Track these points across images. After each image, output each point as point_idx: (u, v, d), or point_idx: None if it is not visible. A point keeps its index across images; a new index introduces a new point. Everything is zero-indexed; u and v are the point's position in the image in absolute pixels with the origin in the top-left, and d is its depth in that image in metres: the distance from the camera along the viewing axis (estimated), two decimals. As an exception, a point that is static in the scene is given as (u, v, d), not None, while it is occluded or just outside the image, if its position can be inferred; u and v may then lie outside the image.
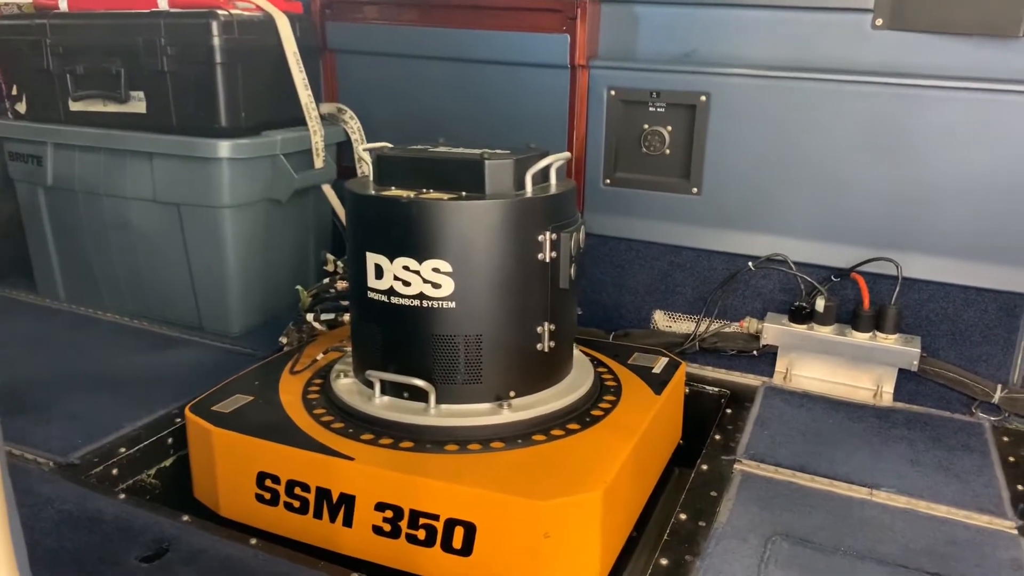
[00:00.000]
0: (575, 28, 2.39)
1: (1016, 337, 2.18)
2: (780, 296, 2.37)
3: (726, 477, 1.84)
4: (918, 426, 2.10)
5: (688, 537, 1.62)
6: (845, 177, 2.24)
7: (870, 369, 2.24)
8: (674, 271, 2.52)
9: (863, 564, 1.54)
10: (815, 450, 1.95)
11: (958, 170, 2.13)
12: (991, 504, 1.76)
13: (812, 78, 2.21)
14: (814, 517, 1.69)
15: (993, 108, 2.07)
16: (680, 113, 2.39)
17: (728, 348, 2.41)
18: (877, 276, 2.24)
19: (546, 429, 1.69)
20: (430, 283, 1.63)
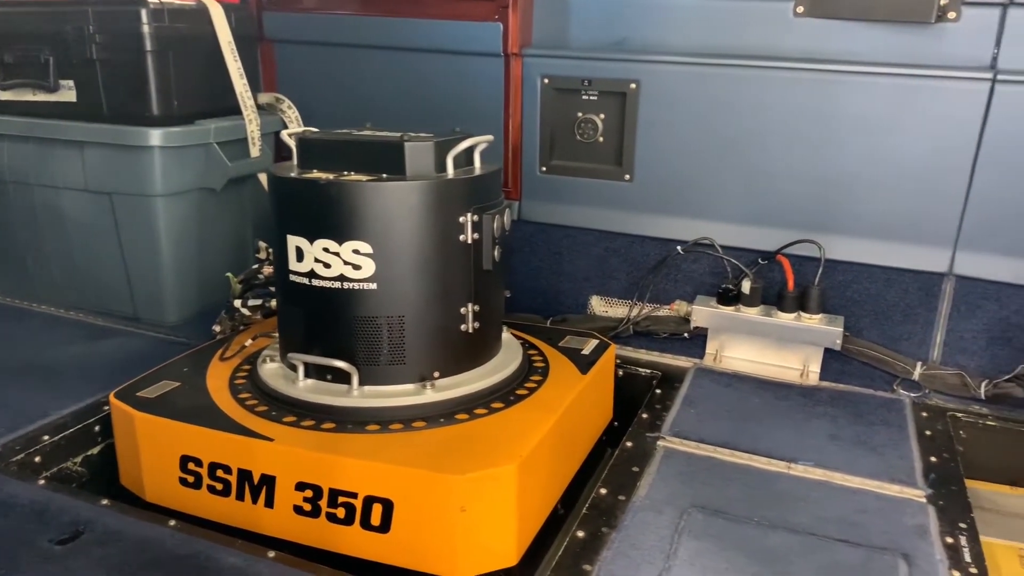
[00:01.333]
0: (507, 17, 2.41)
1: (935, 316, 2.24)
2: (710, 279, 2.42)
3: (650, 453, 1.88)
4: (841, 403, 2.16)
5: (607, 511, 1.65)
6: (770, 162, 2.29)
7: (796, 349, 2.30)
8: (609, 257, 2.56)
9: (774, 533, 1.58)
10: (739, 427, 2.00)
11: (878, 154, 2.20)
12: (904, 475, 1.81)
13: (737, 65, 2.26)
14: (731, 490, 1.73)
15: (911, 93, 2.13)
16: (612, 101, 2.43)
17: (661, 331, 2.45)
18: (802, 258, 2.29)
19: (469, 408, 1.71)
20: (350, 265, 1.65)
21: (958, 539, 1.59)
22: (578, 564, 1.48)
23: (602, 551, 1.51)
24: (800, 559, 1.50)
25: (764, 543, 1.54)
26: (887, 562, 1.50)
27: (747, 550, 1.52)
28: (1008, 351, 2.15)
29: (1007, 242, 2.12)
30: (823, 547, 1.54)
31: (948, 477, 1.82)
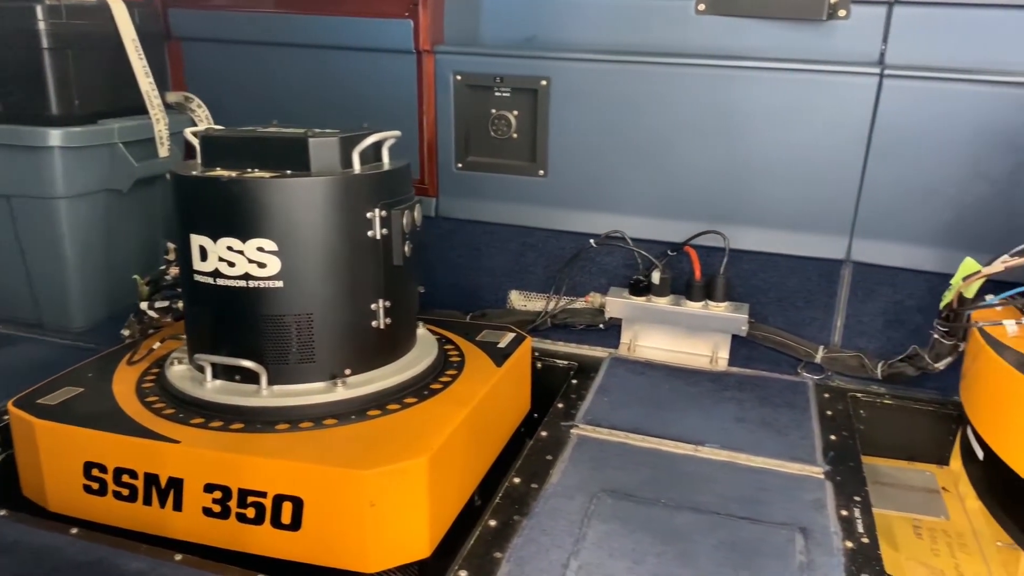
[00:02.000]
0: (418, 13, 2.42)
1: (835, 301, 2.35)
2: (623, 271, 2.48)
3: (564, 442, 1.92)
4: (748, 387, 2.24)
5: (519, 499, 1.68)
6: (677, 156, 2.36)
7: (706, 336, 2.37)
8: (527, 252, 2.59)
9: (679, 513, 1.63)
10: (650, 413, 2.06)
11: (778, 147, 2.28)
12: (804, 453, 1.89)
13: (643, 62, 2.31)
14: (640, 474, 1.78)
15: (806, 87, 2.22)
16: (524, 97, 2.46)
17: (577, 323, 2.50)
18: (709, 249, 2.37)
19: (382, 404, 1.72)
20: (255, 263, 1.63)
21: (852, 512, 1.67)
22: (489, 552, 1.50)
23: (513, 538, 1.54)
24: (703, 537, 1.55)
25: (670, 523, 1.60)
26: (785, 536, 1.57)
27: (653, 530, 1.57)
28: (902, 333, 2.26)
29: (899, 229, 2.23)
30: (725, 524, 1.60)
31: (846, 454, 1.90)
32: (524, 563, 1.46)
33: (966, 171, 2.14)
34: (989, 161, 2.11)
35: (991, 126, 2.09)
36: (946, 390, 2.16)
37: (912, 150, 2.16)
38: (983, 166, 2.12)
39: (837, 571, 1.46)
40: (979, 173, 2.12)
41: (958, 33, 2.12)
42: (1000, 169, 2.11)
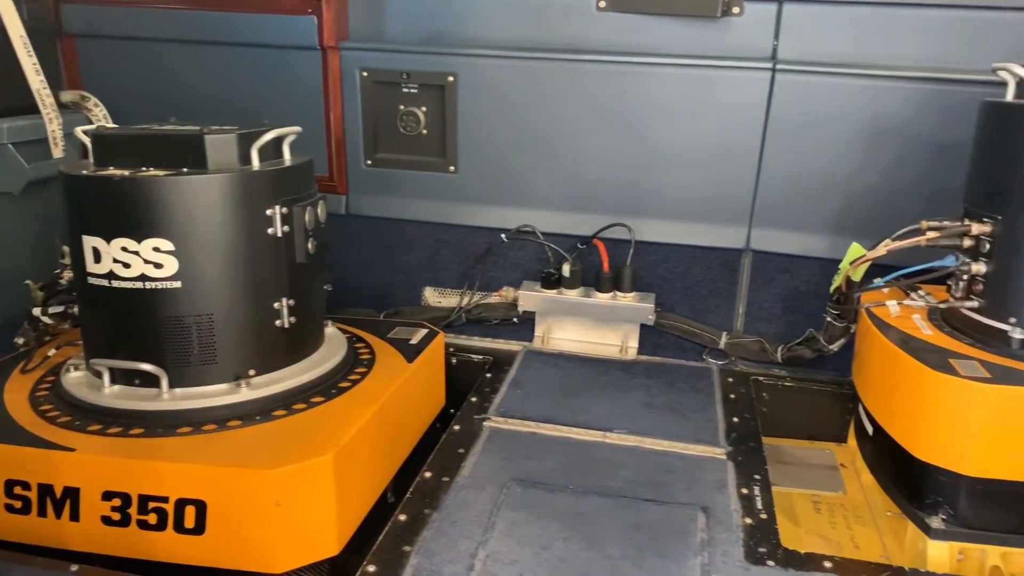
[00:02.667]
0: (321, 9, 2.39)
1: (736, 289, 2.43)
2: (535, 265, 2.51)
3: (476, 434, 1.93)
4: (656, 374, 2.30)
5: (430, 493, 1.69)
6: (583, 151, 2.40)
7: (615, 326, 2.43)
8: (440, 248, 2.60)
9: (587, 498, 1.67)
10: (561, 403, 2.09)
11: (679, 141, 2.35)
12: (708, 436, 1.96)
13: (547, 58, 2.35)
14: (551, 462, 1.82)
15: (704, 82, 2.29)
16: (432, 93, 2.47)
17: (492, 317, 2.52)
18: (617, 241, 2.42)
19: (288, 404, 1.70)
20: (151, 263, 1.59)
21: (752, 490, 1.74)
22: (398, 546, 1.51)
23: (422, 531, 1.55)
24: (609, 520, 1.59)
25: (577, 508, 1.63)
26: (688, 515, 1.62)
27: (560, 516, 1.60)
28: (800, 317, 2.36)
29: (793, 218, 2.33)
30: (631, 507, 1.64)
31: (747, 435, 1.98)
32: (433, 555, 1.47)
33: (855, 161, 2.24)
34: (875, 151, 2.22)
35: (877, 118, 2.20)
36: (843, 371, 2.26)
37: (804, 142, 2.26)
38: (870, 156, 2.23)
39: (736, 547, 1.52)
40: (866, 163, 2.23)
41: (845, 29, 2.22)
42: (886, 159, 2.22)
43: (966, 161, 1.78)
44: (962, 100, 1.97)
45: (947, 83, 2.10)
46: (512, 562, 1.45)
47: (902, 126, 2.16)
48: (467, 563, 1.45)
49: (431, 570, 1.43)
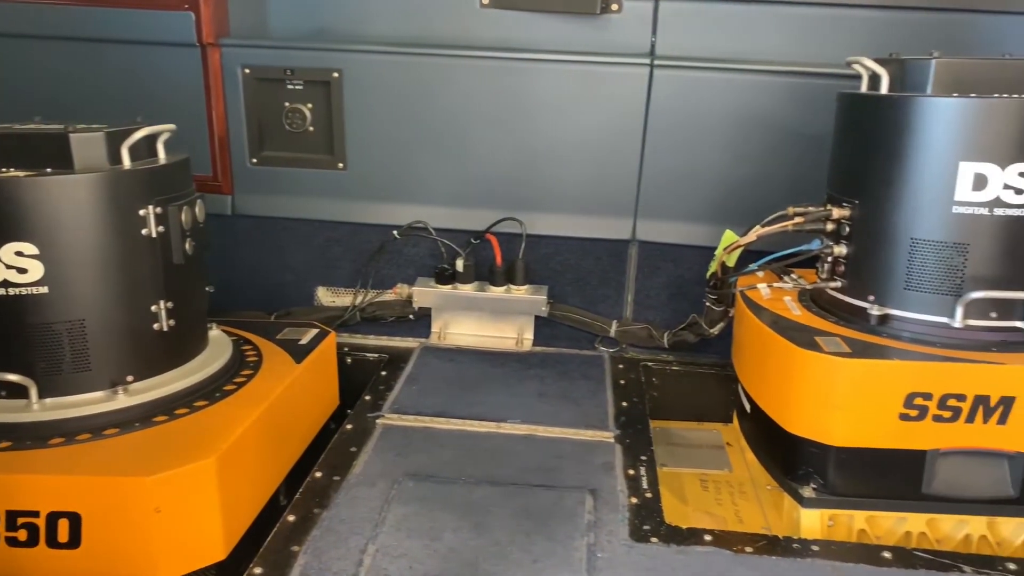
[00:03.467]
0: (199, 5, 2.33)
1: (625, 279, 2.50)
2: (430, 261, 2.51)
3: (369, 432, 1.93)
4: (550, 364, 2.34)
5: (320, 492, 1.67)
6: (472, 146, 2.42)
7: (511, 319, 2.46)
8: (332, 246, 2.57)
9: (479, 488, 1.69)
10: (456, 397, 2.11)
11: (566, 135, 2.40)
12: (597, 421, 2.01)
13: (432, 54, 2.35)
14: (443, 455, 1.83)
15: (586, 78, 2.34)
16: (317, 90, 2.44)
17: (387, 315, 2.51)
18: (510, 235, 2.45)
19: (169, 409, 1.65)
20: (14, 268, 1.52)
21: (639, 470, 1.79)
22: (286, 547, 1.49)
23: (311, 531, 1.53)
24: (499, 508, 1.61)
25: (468, 498, 1.65)
26: (576, 498, 1.66)
27: (452, 507, 1.61)
28: (684, 304, 2.44)
29: (675, 208, 2.41)
30: (521, 494, 1.67)
31: (635, 418, 2.04)
32: (322, 553, 1.46)
33: (729, 153, 2.34)
34: (748, 143, 2.33)
35: (749, 111, 2.31)
36: (726, 354, 2.35)
37: (683, 135, 2.34)
38: (743, 148, 2.33)
39: (621, 526, 1.57)
40: (740, 154, 2.33)
41: (717, 26, 2.32)
42: (758, 150, 2.33)
43: (829, 150, 1.89)
44: (824, 92, 2.07)
45: (809, 76, 2.22)
46: (401, 555, 1.46)
47: (771, 118, 2.28)
48: (356, 559, 1.44)
49: (320, 568, 1.42)
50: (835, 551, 1.53)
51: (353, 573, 1.41)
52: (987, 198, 1.57)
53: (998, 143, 1.56)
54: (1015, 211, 1.57)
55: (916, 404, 1.56)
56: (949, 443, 1.58)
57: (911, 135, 1.62)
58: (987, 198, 1.57)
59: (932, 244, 1.63)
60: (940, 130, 1.59)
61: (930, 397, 1.55)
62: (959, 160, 1.57)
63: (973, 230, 1.59)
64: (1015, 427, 1.56)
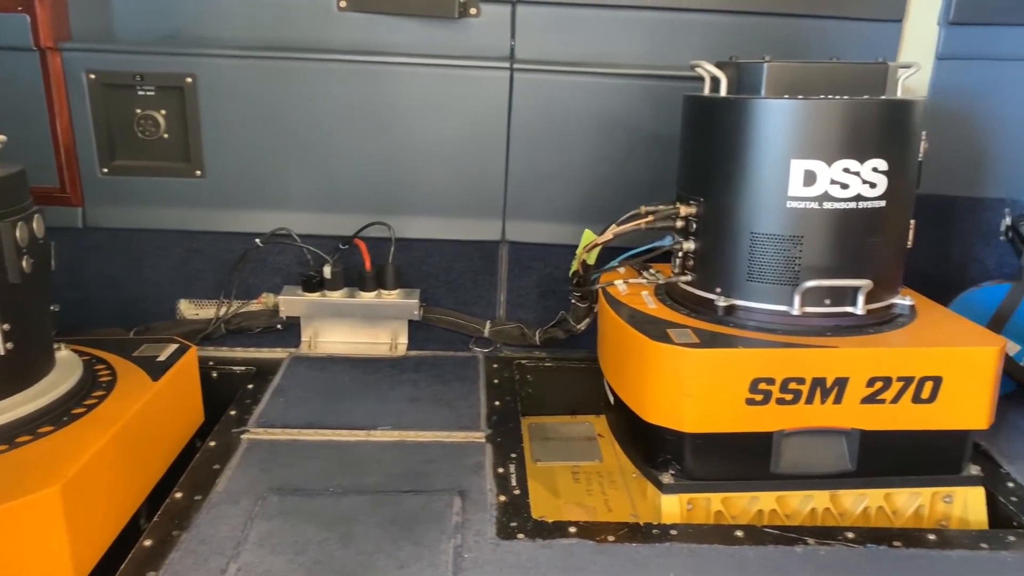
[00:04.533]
0: (34, 7, 2.19)
1: (497, 279, 2.53)
2: (296, 269, 2.46)
3: (233, 448, 1.87)
4: (425, 368, 2.34)
5: (180, 513, 1.61)
6: (336, 150, 2.39)
7: (383, 324, 2.45)
8: (193, 257, 2.48)
9: (346, 498, 1.68)
10: (326, 407, 2.08)
11: (431, 138, 2.40)
12: (470, 422, 2.03)
13: (289, 58, 2.31)
14: (310, 467, 1.80)
15: (448, 81, 2.36)
16: (170, 96, 2.35)
17: (253, 326, 2.45)
18: (380, 240, 2.43)
19: (10, 438, 1.55)
20: None
21: (508, 468, 1.82)
22: (142, 573, 1.43)
23: (169, 554, 1.48)
24: (367, 517, 1.61)
25: (335, 510, 1.63)
26: (445, 501, 1.67)
27: (318, 520, 1.59)
28: (554, 301, 2.50)
29: (542, 209, 2.46)
30: (389, 501, 1.66)
31: (507, 417, 2.07)
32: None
33: (591, 153, 2.41)
34: (608, 144, 2.40)
35: (607, 113, 2.38)
36: (596, 348, 2.43)
37: (546, 137, 2.39)
38: (604, 149, 2.40)
39: (489, 524, 1.59)
40: (600, 156, 2.40)
41: (573, 30, 2.37)
42: (618, 151, 2.40)
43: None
44: (676, 94, 2.16)
45: (661, 79, 2.31)
46: (264, 572, 1.43)
47: (628, 119, 2.36)
48: (216, 581, 1.41)
49: (177, 593, 1.38)
50: (692, 534, 1.60)
51: (212, 595, 1.37)
52: (816, 193, 1.68)
53: (824, 141, 1.68)
54: (841, 204, 1.69)
55: (760, 389, 1.65)
56: (792, 424, 1.69)
57: (747, 135, 1.72)
58: (816, 193, 1.68)
59: (770, 237, 1.73)
60: (772, 130, 1.69)
61: (773, 382, 1.65)
62: (791, 158, 1.68)
63: (806, 223, 1.70)
64: (849, 406, 1.68)
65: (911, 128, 1.74)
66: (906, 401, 1.68)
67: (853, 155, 1.67)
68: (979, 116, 2.41)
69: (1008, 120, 2.39)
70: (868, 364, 1.66)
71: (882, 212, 1.72)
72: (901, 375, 1.66)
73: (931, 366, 1.66)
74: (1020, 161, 2.41)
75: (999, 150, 2.42)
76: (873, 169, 1.68)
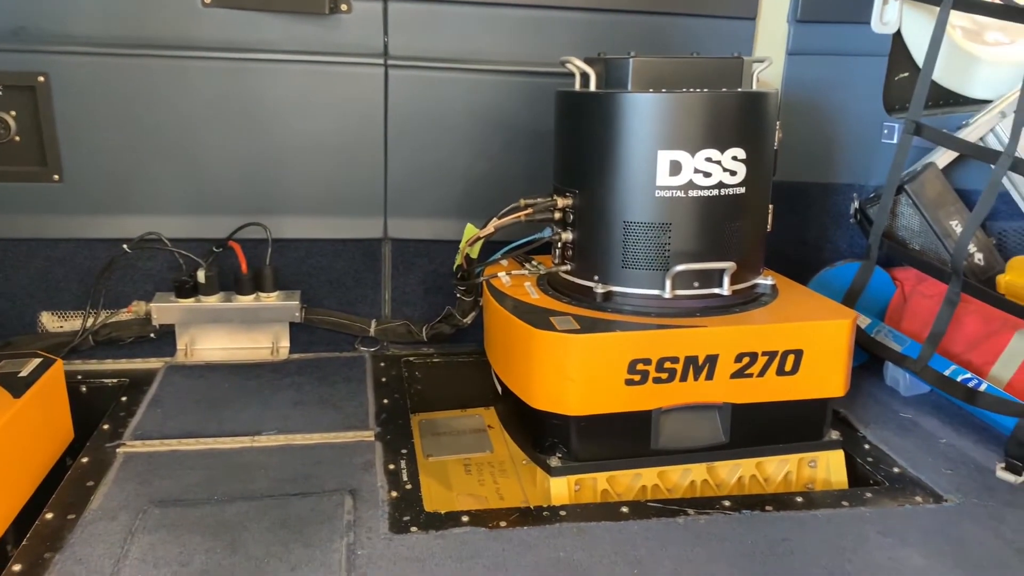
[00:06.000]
0: None
1: (380, 277, 2.52)
2: (169, 275, 2.37)
3: (108, 463, 1.79)
4: (309, 370, 2.31)
5: (52, 535, 1.53)
6: (205, 150, 2.32)
7: (263, 328, 2.39)
8: (54, 267, 2.34)
9: (231, 505, 1.63)
10: (206, 415, 2.01)
11: (306, 136, 2.36)
12: (358, 421, 2.02)
13: (150, 55, 2.22)
14: (193, 477, 1.74)
15: (320, 78, 2.33)
16: (21, 95, 2.21)
17: (124, 336, 2.34)
18: (257, 241, 2.37)
19: None
20: None
21: (399, 464, 1.83)
22: (11, 601, 1.35)
23: (41, 579, 1.40)
24: (254, 523, 1.57)
25: (221, 518, 1.59)
26: (335, 501, 1.66)
27: (203, 530, 1.54)
28: (440, 297, 2.51)
29: (423, 205, 2.46)
30: (277, 506, 1.64)
31: (396, 414, 2.07)
32: (52, 601, 1.34)
33: (470, 150, 2.43)
34: (486, 140, 2.43)
35: (483, 109, 2.41)
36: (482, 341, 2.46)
37: (424, 133, 2.40)
38: (482, 145, 2.43)
39: (381, 521, 1.60)
40: (479, 151, 2.43)
41: (447, 27, 2.38)
42: (496, 146, 2.44)
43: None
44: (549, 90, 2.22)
45: (535, 75, 2.36)
46: (147, 588, 1.38)
47: (504, 116, 2.40)
48: (94, 601, 1.35)
49: (50, 618, 1.31)
50: (580, 513, 1.66)
51: (91, 616, 1.31)
52: (682, 182, 1.77)
53: (687, 132, 1.77)
54: (705, 192, 1.79)
55: (638, 369, 1.73)
56: (669, 401, 1.77)
57: (616, 127, 1.79)
58: (682, 182, 1.77)
59: (641, 226, 1.81)
60: (639, 122, 1.77)
61: (649, 362, 1.73)
62: (657, 148, 1.76)
63: (673, 211, 1.79)
64: (720, 382, 1.78)
65: (766, 118, 1.86)
66: (771, 374, 1.79)
67: (714, 145, 1.76)
68: (828, 108, 2.59)
69: (854, 111, 2.59)
70: (735, 341, 1.76)
71: (743, 198, 1.83)
72: (766, 350, 1.77)
73: (792, 340, 1.78)
74: (865, 149, 2.60)
75: (846, 139, 2.61)
76: (733, 158, 1.78)
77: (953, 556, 1.55)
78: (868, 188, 2.61)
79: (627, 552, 1.52)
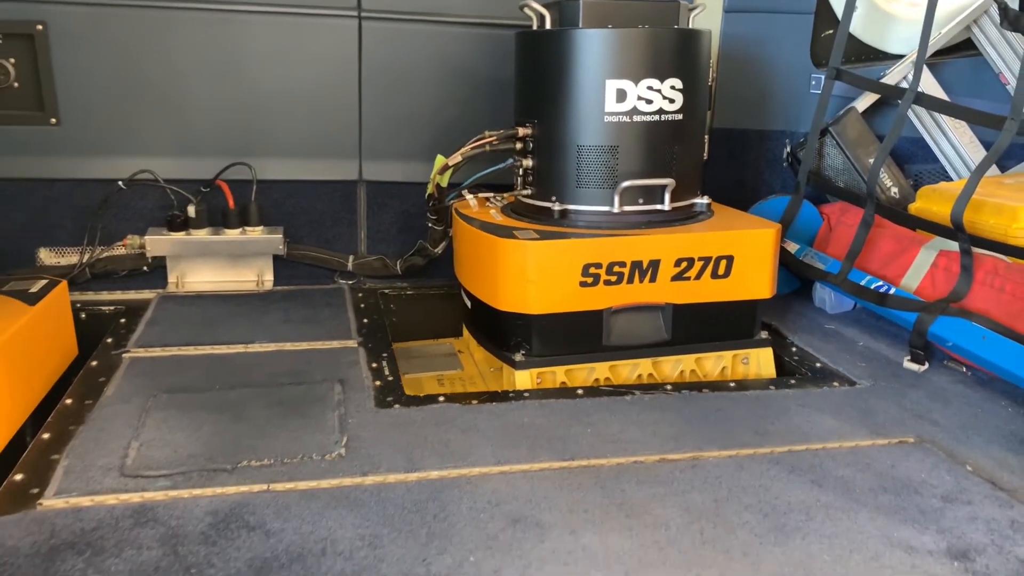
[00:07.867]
0: None
1: (357, 217, 2.73)
2: (160, 213, 2.56)
3: (116, 365, 1.98)
4: (293, 299, 2.51)
5: (73, 414, 1.72)
6: (195, 95, 2.50)
7: (249, 262, 2.59)
8: (50, 206, 2.51)
9: (233, 391, 1.84)
10: (201, 332, 2.21)
11: (285, 83, 2.56)
12: (342, 333, 2.23)
13: (142, 5, 2.40)
14: (194, 373, 1.95)
15: (298, 29, 2.53)
16: (20, 43, 2.38)
17: (119, 269, 2.52)
18: (242, 182, 2.57)
19: None
20: None
21: (381, 363, 2.04)
22: (45, 457, 1.54)
23: (70, 442, 1.59)
24: (254, 401, 1.78)
25: (224, 400, 1.79)
26: (326, 387, 1.87)
27: (209, 408, 1.75)
28: (412, 235, 2.72)
29: (396, 149, 2.68)
30: (274, 392, 1.85)
31: (375, 330, 2.29)
32: (84, 455, 1.54)
33: (438, 97, 2.66)
34: (453, 88, 2.65)
35: (451, 59, 2.63)
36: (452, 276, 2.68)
37: (395, 81, 2.61)
38: (450, 92, 2.66)
39: (368, 400, 1.82)
40: (447, 98, 2.65)
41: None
42: (462, 93, 2.66)
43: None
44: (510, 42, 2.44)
45: (496, 27, 2.59)
46: (165, 444, 1.58)
47: (470, 64, 2.62)
48: (121, 454, 1.54)
49: (83, 466, 1.50)
50: (542, 395, 1.90)
51: (119, 465, 1.51)
52: (627, 108, 2.01)
53: (631, 63, 2.01)
54: (648, 117, 2.03)
55: (591, 273, 1.97)
56: (618, 301, 2.01)
57: (569, 60, 2.02)
58: (627, 108, 2.01)
59: (593, 148, 2.05)
60: (589, 55, 2.01)
61: (600, 266, 1.97)
62: (605, 78, 2.00)
63: (620, 134, 2.03)
64: (662, 284, 2.03)
65: (700, 54, 2.11)
66: (707, 277, 2.05)
67: (655, 75, 2.01)
68: (762, 61, 2.86)
69: (785, 64, 2.86)
70: (675, 247, 2.01)
71: (681, 124, 2.08)
72: (702, 255, 2.03)
73: (724, 247, 2.04)
74: (795, 99, 2.87)
75: (779, 90, 2.89)
76: (671, 87, 2.03)
77: (861, 419, 1.82)
78: (799, 135, 2.88)
79: (581, 418, 1.76)
